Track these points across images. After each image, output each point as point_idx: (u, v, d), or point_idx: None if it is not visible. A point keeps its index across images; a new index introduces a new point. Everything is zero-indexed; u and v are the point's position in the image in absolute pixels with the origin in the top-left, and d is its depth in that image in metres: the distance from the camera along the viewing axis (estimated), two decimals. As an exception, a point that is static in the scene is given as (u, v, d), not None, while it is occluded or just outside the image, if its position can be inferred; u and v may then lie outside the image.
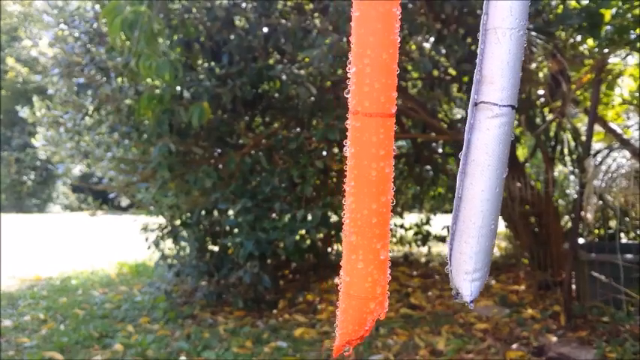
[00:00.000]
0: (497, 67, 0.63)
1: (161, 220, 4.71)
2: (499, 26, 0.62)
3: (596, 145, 4.29)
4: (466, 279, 0.66)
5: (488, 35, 0.63)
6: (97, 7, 4.22)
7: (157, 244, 4.60)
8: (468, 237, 0.65)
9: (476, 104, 0.64)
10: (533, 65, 3.71)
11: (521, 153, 5.33)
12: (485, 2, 0.63)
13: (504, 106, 0.63)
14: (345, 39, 3.63)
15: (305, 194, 4.08)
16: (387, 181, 0.64)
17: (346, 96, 0.63)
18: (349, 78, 0.63)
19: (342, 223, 0.67)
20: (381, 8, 0.61)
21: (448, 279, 0.69)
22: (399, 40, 0.62)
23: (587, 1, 3.53)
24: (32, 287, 5.47)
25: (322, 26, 3.71)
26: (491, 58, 0.63)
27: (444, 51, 3.72)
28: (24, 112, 4.62)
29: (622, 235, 4.24)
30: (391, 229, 5.57)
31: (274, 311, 4.19)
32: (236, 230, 4.15)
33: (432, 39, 3.81)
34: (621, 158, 3.76)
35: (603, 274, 3.39)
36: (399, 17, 0.62)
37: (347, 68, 0.63)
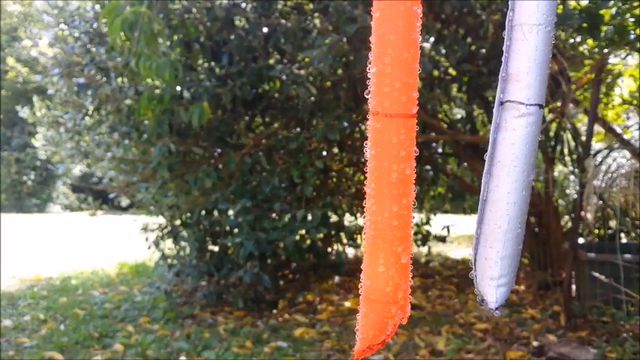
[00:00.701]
0: (524, 65, 0.61)
1: (161, 220, 4.71)
2: (525, 22, 0.61)
3: (596, 145, 4.29)
4: (491, 285, 0.64)
5: (515, 32, 0.62)
6: (97, 7, 4.22)
7: (157, 244, 4.60)
8: (494, 241, 0.63)
9: (502, 103, 0.63)
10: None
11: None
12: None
13: (531, 105, 0.61)
14: (344, 39, 3.63)
15: (305, 194, 4.08)
16: (409, 183, 0.63)
17: (366, 96, 0.62)
18: (369, 78, 0.62)
19: (362, 225, 0.68)
20: (402, 7, 0.60)
21: (449, 279, 0.68)
22: (420, 40, 0.62)
23: (587, 2, 3.53)
24: (32, 287, 5.47)
25: (322, 26, 3.71)
26: (517, 55, 0.62)
27: (443, 51, 3.72)
28: (24, 112, 4.63)
29: (622, 234, 4.23)
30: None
31: (274, 311, 4.19)
32: (236, 230, 4.15)
33: (432, 39, 3.81)
34: (621, 158, 3.76)
35: (603, 274, 3.40)
36: (420, 16, 0.61)
37: (367, 68, 0.62)
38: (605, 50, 3.44)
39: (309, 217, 4.08)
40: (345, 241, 5.09)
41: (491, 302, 0.65)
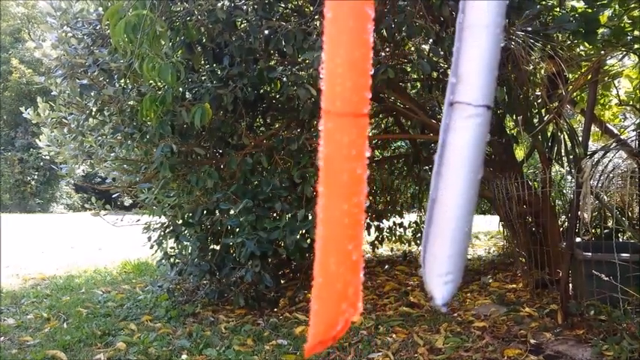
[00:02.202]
0: (473, 66, 0.61)
1: (163, 219, 4.74)
2: (475, 24, 0.62)
3: (593, 146, 4.32)
4: (439, 282, 0.64)
5: (464, 33, 0.62)
6: (100, 9, 4.26)
7: (159, 243, 4.63)
8: (442, 240, 0.64)
9: (451, 104, 0.62)
10: (531, 66, 3.74)
11: (519, 153, 5.36)
12: (461, 1, 0.63)
13: (479, 105, 0.61)
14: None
15: (305, 194, 4.12)
16: (360, 182, 0.62)
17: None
18: (321, 78, 0.60)
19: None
20: (354, 8, 0.59)
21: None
22: (372, 42, 0.61)
23: (583, 3, 3.56)
24: (36, 286, 5.51)
25: (322, 28, 3.74)
26: (467, 56, 0.62)
27: (442, 53, 3.76)
28: (28, 113, 4.67)
29: (618, 234, 4.26)
30: (390, 229, 5.59)
31: (275, 309, 4.22)
32: (237, 230, 4.18)
33: (430, 41, 3.84)
34: (618, 158, 3.79)
35: (600, 273, 3.42)
36: (372, 18, 0.60)
37: (319, 68, 0.62)
38: (602, 52, 3.47)
39: (310, 217, 4.12)
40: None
41: (439, 299, 0.64)
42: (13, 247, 8.18)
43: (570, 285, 3.76)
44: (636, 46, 3.68)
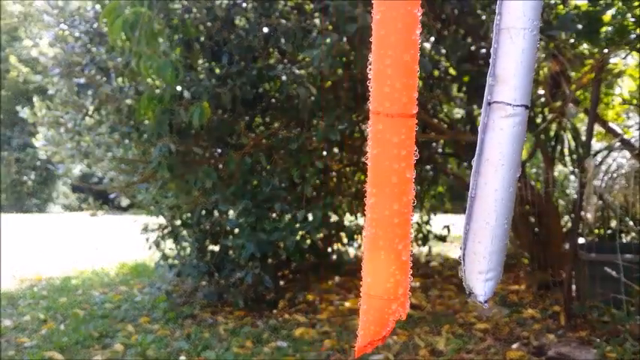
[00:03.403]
0: (511, 67, 0.63)
1: (161, 220, 4.71)
2: (512, 26, 0.62)
3: (597, 145, 4.30)
4: (479, 279, 0.66)
5: (502, 35, 0.63)
6: (98, 7, 4.22)
7: (157, 244, 4.60)
8: (482, 237, 0.65)
9: (489, 104, 0.64)
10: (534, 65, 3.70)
11: (522, 153, 5.33)
12: (498, 2, 0.64)
13: (518, 105, 0.63)
14: (345, 39, 3.64)
15: (305, 194, 4.08)
16: (409, 182, 0.64)
17: (367, 96, 0.64)
18: (369, 79, 0.63)
19: (362, 225, 0.69)
20: (402, 9, 0.61)
21: (449, 279, 0.69)
22: (419, 42, 0.63)
23: (587, 2, 3.53)
24: (32, 287, 5.47)
25: (322, 26, 3.72)
26: (504, 57, 0.63)
27: (444, 51, 3.73)
28: (24, 112, 4.63)
29: (622, 234, 4.24)
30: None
31: (274, 311, 4.19)
32: (236, 231, 4.15)
33: (432, 39, 3.82)
34: (621, 158, 3.76)
35: (603, 274, 3.40)
36: (420, 18, 0.62)
37: (367, 69, 0.63)
38: (606, 50, 3.44)
39: (310, 218, 4.09)
40: (345, 241, 5.10)
41: (480, 295, 0.66)
42: (9, 248, 8.14)
43: (573, 286, 3.74)
44: (639, 45, 3.65)
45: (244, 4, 4.02)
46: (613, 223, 4.25)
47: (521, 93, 0.63)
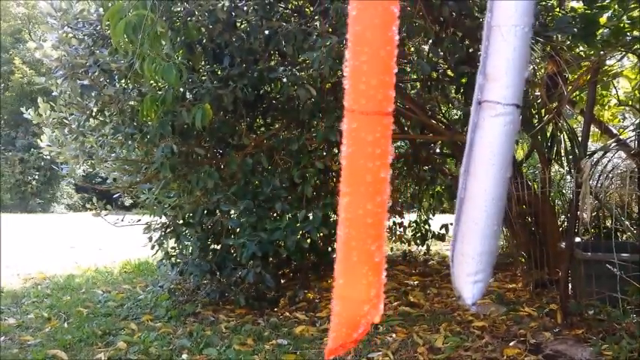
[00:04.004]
0: (502, 65, 0.62)
1: (164, 219, 4.75)
2: (504, 24, 0.62)
3: (593, 146, 4.32)
4: (468, 281, 0.64)
5: (493, 33, 0.63)
6: (101, 10, 4.26)
7: (160, 243, 4.63)
8: (471, 238, 0.64)
9: (479, 103, 0.64)
10: (531, 66, 3.74)
11: (519, 153, 5.36)
12: (489, 0, 0.63)
13: (508, 104, 0.62)
14: (344, 41, 3.67)
15: (305, 194, 4.13)
16: (383, 181, 0.61)
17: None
18: (345, 76, 0.60)
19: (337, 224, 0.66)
20: (379, 6, 0.59)
21: (447, 277, 0.68)
22: (397, 39, 0.60)
23: (582, 3, 3.57)
24: (36, 286, 5.51)
25: (322, 29, 3.75)
26: (495, 55, 0.63)
27: (441, 53, 3.76)
28: (29, 113, 4.67)
29: (618, 234, 4.26)
30: (390, 228, 5.59)
31: (275, 309, 4.23)
32: (238, 230, 4.19)
33: (430, 41, 3.85)
34: (617, 158, 3.79)
35: (599, 273, 3.43)
36: (398, 16, 0.60)
37: (343, 66, 0.61)
38: (602, 52, 3.47)
39: (310, 217, 4.13)
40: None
41: (468, 298, 0.65)
42: (13, 247, 8.18)
43: (570, 285, 3.77)
44: (636, 46, 3.68)
45: (245, 7, 4.06)
46: (609, 223, 4.27)
47: (512, 91, 0.62)
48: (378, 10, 0.59)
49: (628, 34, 3.54)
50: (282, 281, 4.74)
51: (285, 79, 3.98)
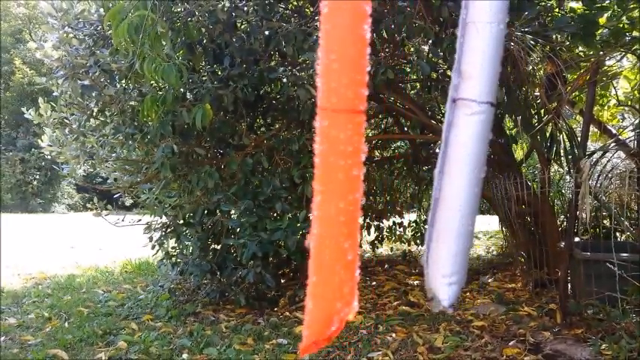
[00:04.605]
0: (477, 62, 0.61)
1: (164, 219, 4.75)
2: (479, 20, 0.61)
3: (592, 146, 4.33)
4: (443, 282, 0.63)
5: (468, 29, 0.62)
6: (102, 10, 4.27)
7: (160, 243, 4.64)
8: (445, 238, 0.63)
9: (454, 101, 0.62)
10: (530, 67, 3.75)
11: (518, 153, 5.37)
12: None
13: (483, 102, 0.61)
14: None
15: (306, 194, 4.14)
16: (356, 179, 0.61)
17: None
18: (317, 74, 0.60)
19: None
20: (350, 3, 0.59)
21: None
22: (369, 39, 0.60)
23: (582, 3, 3.57)
24: (37, 285, 5.52)
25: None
26: (470, 52, 0.62)
27: (441, 53, 3.77)
28: (30, 113, 4.69)
29: (617, 233, 4.27)
30: (390, 228, 5.59)
31: (275, 309, 4.23)
32: (238, 230, 4.20)
33: (429, 42, 3.86)
34: (616, 159, 3.80)
35: (598, 273, 3.43)
36: (370, 14, 0.59)
37: (315, 64, 0.60)
38: (601, 52, 3.48)
39: (311, 217, 4.13)
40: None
41: (444, 300, 0.63)
42: (14, 247, 8.19)
43: (569, 284, 3.78)
44: (635, 46, 3.69)
45: (246, 8, 4.07)
46: (608, 223, 4.28)
47: (486, 89, 0.61)
48: (348, 9, 0.59)
49: (627, 34, 3.55)
50: (282, 281, 4.75)
51: (285, 80, 3.99)
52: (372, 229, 5.95)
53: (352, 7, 0.59)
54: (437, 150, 5.39)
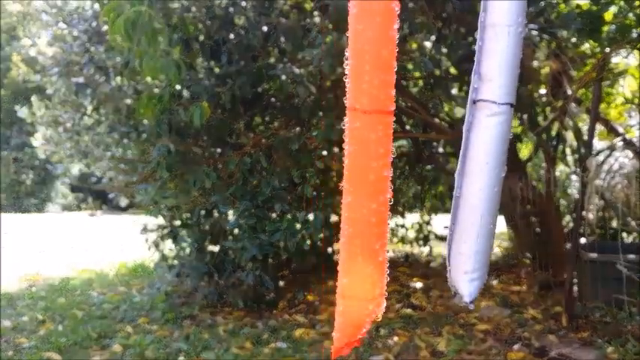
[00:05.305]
0: (496, 65, 0.63)
1: (161, 220, 4.70)
2: (497, 23, 0.62)
3: (598, 145, 4.28)
4: (465, 279, 0.66)
5: (487, 32, 0.64)
6: (96, 6, 4.21)
7: (156, 244, 4.58)
8: (467, 237, 0.66)
9: (474, 102, 0.65)
10: (536, 64, 3.70)
11: (523, 152, 5.32)
12: (483, 0, 0.64)
13: (503, 104, 0.64)
14: (344, 38, 3.61)
15: (305, 195, 4.06)
16: (386, 180, 0.63)
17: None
18: (346, 75, 0.62)
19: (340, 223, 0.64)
20: (380, 4, 0.60)
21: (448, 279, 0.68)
22: (397, 37, 0.62)
23: (589, 1, 3.52)
24: (31, 287, 5.46)
25: (322, 25, 3.70)
26: (489, 55, 0.64)
27: (445, 50, 3.71)
28: (23, 112, 4.62)
29: (624, 234, 4.23)
30: (392, 229, 5.55)
31: (274, 312, 4.18)
32: (236, 231, 4.13)
33: (432, 38, 3.80)
34: (623, 158, 3.75)
35: (605, 274, 3.39)
36: (398, 14, 0.62)
37: (344, 65, 0.62)
38: (607, 49, 3.43)
39: (311, 218, 4.06)
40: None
41: (465, 296, 0.67)
42: (8, 248, 8.12)
43: (575, 286, 3.73)
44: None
45: (244, 3, 4.00)
46: (615, 223, 4.24)
47: (506, 91, 0.64)
48: (379, 9, 0.59)
49: (634, 30, 3.49)
50: (282, 283, 4.69)
51: (284, 77, 3.92)
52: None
53: (383, 7, 0.61)
54: (440, 149, 5.34)
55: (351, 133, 0.61)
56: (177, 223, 4.46)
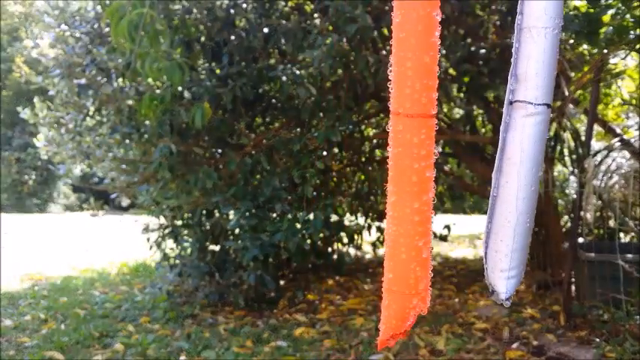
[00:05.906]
0: (532, 66, 0.64)
1: (162, 220, 4.72)
2: (534, 25, 0.63)
3: (596, 145, 4.29)
4: (502, 277, 0.67)
5: (523, 34, 0.64)
6: (99, 8, 4.23)
7: (158, 244, 4.60)
8: (504, 235, 0.66)
9: (511, 103, 0.65)
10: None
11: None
12: (520, 2, 0.65)
13: (539, 104, 0.64)
14: (345, 39, 3.64)
15: (306, 195, 4.09)
16: (429, 181, 0.66)
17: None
18: (389, 80, 0.64)
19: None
20: (422, 11, 0.62)
21: (449, 279, 0.70)
22: (439, 44, 0.64)
23: (585, 1, 3.54)
24: (33, 287, 5.48)
25: (322, 27, 3.72)
26: (526, 57, 0.64)
27: (444, 51, 3.73)
28: (25, 113, 4.64)
29: (621, 234, 4.24)
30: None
31: (275, 311, 4.19)
32: (237, 231, 4.15)
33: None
34: (621, 158, 3.77)
35: (603, 274, 3.40)
36: (439, 21, 0.64)
37: (387, 71, 0.64)
38: (605, 51, 3.44)
39: (311, 217, 4.09)
40: (345, 241, 5.10)
41: (502, 293, 0.67)
42: (10, 248, 8.14)
43: (573, 286, 3.74)
44: (639, 45, 3.65)
45: (244, 5, 4.02)
46: (612, 223, 4.25)
47: (542, 92, 0.64)
48: (420, 16, 0.62)
49: (632, 32, 3.51)
50: (282, 282, 4.71)
51: (284, 78, 3.94)
52: (374, 230, 5.90)
53: (425, 14, 0.63)
54: (439, 149, 5.35)
55: (395, 136, 0.64)
56: (179, 223, 4.48)
